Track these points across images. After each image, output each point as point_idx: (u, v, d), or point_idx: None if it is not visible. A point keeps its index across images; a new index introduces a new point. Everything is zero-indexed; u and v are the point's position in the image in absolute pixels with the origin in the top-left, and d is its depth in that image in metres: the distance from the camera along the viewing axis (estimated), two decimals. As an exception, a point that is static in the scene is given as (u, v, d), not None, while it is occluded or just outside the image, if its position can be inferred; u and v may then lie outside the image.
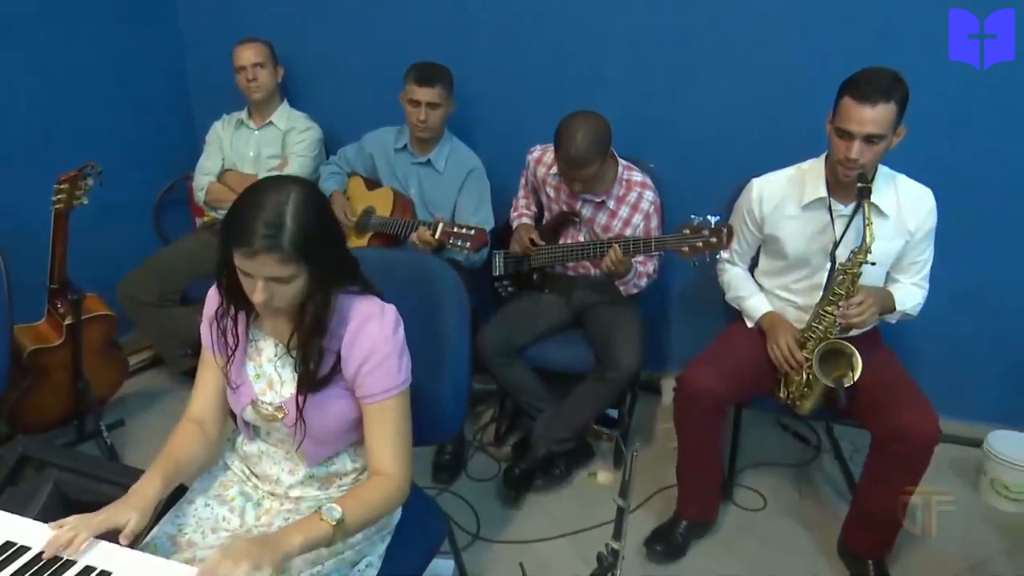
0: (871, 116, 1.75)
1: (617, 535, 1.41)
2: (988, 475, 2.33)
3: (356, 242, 2.57)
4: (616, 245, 2.16)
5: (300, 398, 1.30)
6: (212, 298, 1.37)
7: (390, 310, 1.32)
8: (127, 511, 1.19)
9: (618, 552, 1.40)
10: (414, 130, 2.48)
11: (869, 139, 1.77)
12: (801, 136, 2.16)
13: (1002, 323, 2.46)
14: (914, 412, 1.83)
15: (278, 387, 1.35)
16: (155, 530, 1.31)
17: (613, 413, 2.57)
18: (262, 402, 1.35)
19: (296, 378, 1.31)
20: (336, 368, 1.30)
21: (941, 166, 2.12)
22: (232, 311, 1.33)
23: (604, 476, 2.43)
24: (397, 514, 1.46)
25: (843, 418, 2.03)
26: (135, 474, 1.32)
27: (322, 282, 1.23)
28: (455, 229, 2.24)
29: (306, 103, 2.93)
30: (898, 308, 1.98)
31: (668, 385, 2.12)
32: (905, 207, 1.93)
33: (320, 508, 1.22)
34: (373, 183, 2.67)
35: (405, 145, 2.58)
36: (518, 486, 2.32)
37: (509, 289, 2.54)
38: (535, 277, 2.47)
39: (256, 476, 1.43)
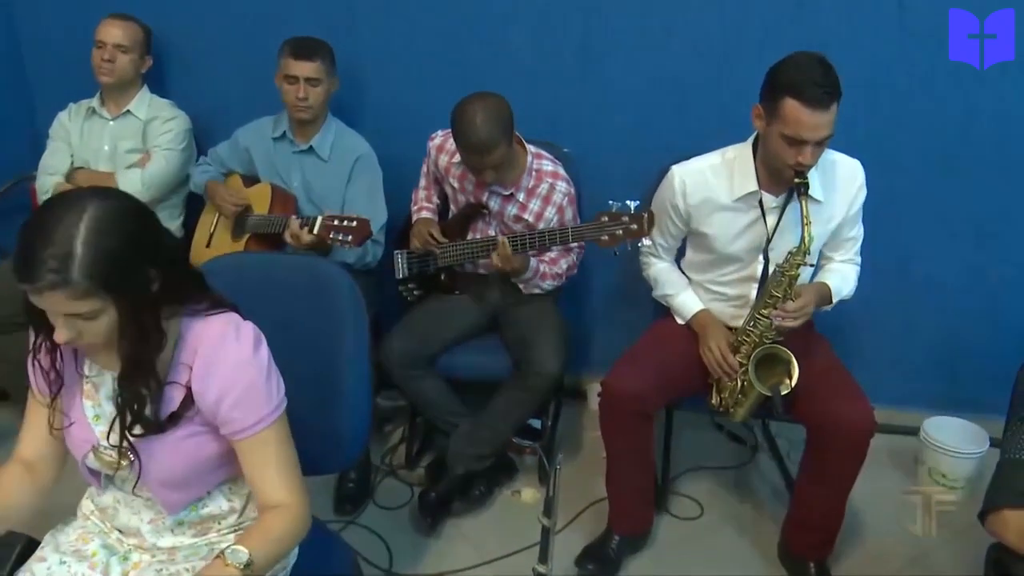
0: (825, 121, 1.80)
1: (543, 558, 1.42)
2: (926, 464, 2.48)
3: (233, 246, 2.51)
4: (504, 239, 2.18)
5: (127, 441, 1.22)
6: None
7: (247, 327, 1.26)
8: None
9: (545, 576, 1.41)
10: (293, 111, 2.44)
11: (821, 142, 1.84)
12: (722, 112, 2.24)
13: (930, 304, 2.63)
14: (848, 403, 1.93)
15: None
16: None
17: (536, 423, 2.59)
18: (104, 447, 1.28)
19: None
20: (188, 404, 1.22)
21: (862, 143, 2.24)
22: (48, 345, 1.24)
23: (529, 494, 2.44)
24: (293, 555, 1.42)
25: (782, 415, 2.11)
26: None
27: (140, 319, 1.13)
28: (335, 222, 2.21)
29: (169, 90, 2.83)
30: (835, 299, 2.07)
31: (595, 389, 2.15)
32: (837, 187, 2.02)
33: (224, 551, 1.18)
34: (251, 180, 2.60)
35: (284, 132, 2.53)
36: (434, 512, 2.31)
37: (415, 292, 2.52)
38: (443, 278, 2.46)
39: (118, 529, 1.37)
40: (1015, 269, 2.54)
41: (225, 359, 1.22)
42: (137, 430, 1.22)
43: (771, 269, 2.00)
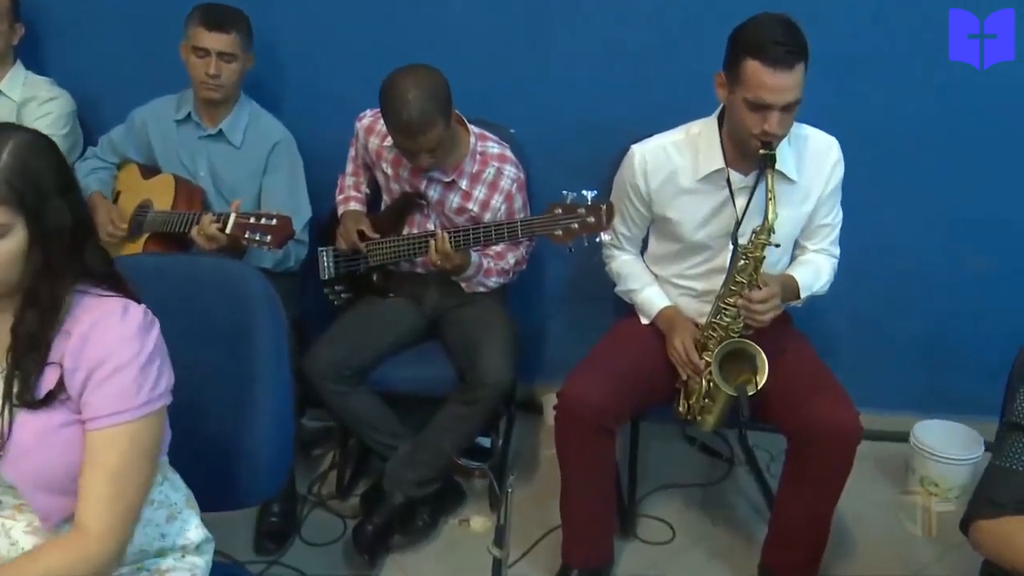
0: (789, 83, 1.84)
1: (495, 593, 1.42)
2: (917, 472, 2.56)
3: (130, 248, 2.47)
4: (444, 234, 2.19)
5: (5, 416, 1.20)
6: None
7: (137, 309, 1.25)
8: None
9: (496, 615, 1.42)
10: (201, 89, 2.41)
11: (787, 107, 1.87)
12: (687, 88, 2.27)
13: (916, 298, 2.71)
14: (831, 407, 1.97)
15: None
16: None
17: (485, 442, 2.60)
18: None
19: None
20: (61, 385, 1.21)
21: (841, 117, 2.29)
22: None
23: (479, 522, 2.45)
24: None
25: (755, 422, 2.15)
26: None
27: (47, 254, 1.17)
28: (251, 220, 2.18)
29: (48, 65, 2.76)
30: (803, 294, 2.11)
31: (551, 401, 2.16)
32: (811, 166, 2.07)
33: None
34: (151, 171, 2.56)
35: (189, 114, 2.49)
36: (371, 547, 2.29)
37: (343, 295, 2.51)
38: (375, 278, 2.45)
39: None
40: (1005, 260, 2.64)
41: (102, 335, 1.21)
42: (16, 393, 1.20)
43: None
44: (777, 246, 1.98)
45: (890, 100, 2.51)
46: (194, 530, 1.40)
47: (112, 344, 1.21)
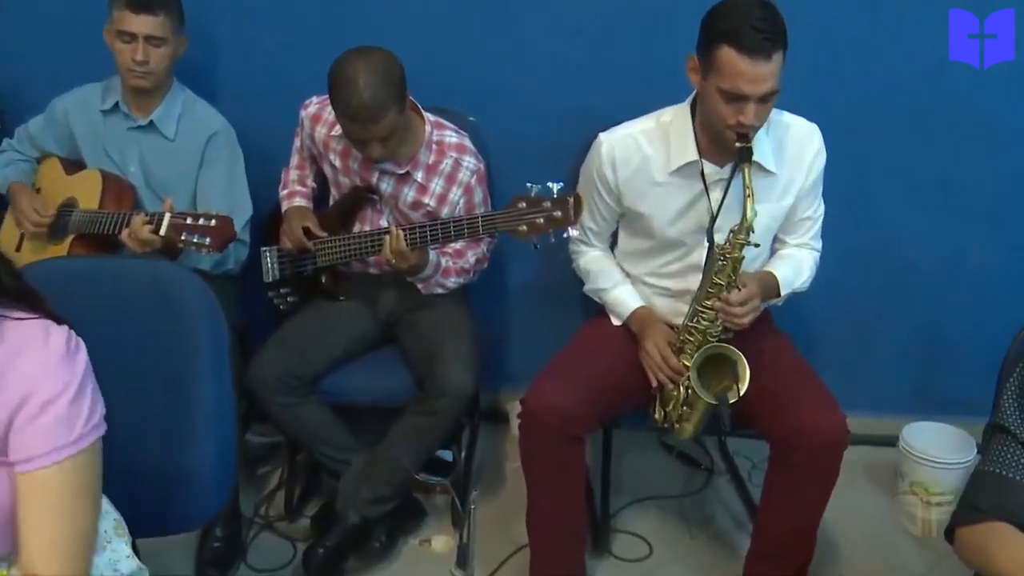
0: (767, 72, 1.84)
1: (458, 619, 1.42)
2: (907, 477, 2.60)
3: (52, 251, 2.44)
4: (398, 231, 2.19)
5: None
6: None
7: (59, 332, 1.22)
8: None
9: (460, 642, 1.42)
10: (128, 77, 2.39)
11: (764, 98, 1.88)
12: (658, 73, 2.28)
13: (906, 292, 2.76)
14: (816, 410, 1.98)
15: None
16: None
17: (446, 455, 2.60)
18: None
19: None
20: None
21: (826, 102, 2.32)
22: None
23: (441, 542, 2.45)
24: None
25: (735, 428, 2.17)
26: None
27: None
28: (188, 220, 2.16)
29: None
30: (784, 291, 2.13)
31: (516, 409, 2.16)
32: (791, 156, 2.09)
33: None
34: (75, 166, 2.53)
35: (116, 104, 2.47)
36: (323, 572, 2.29)
37: (289, 299, 2.50)
38: (324, 280, 2.45)
39: None
40: (1000, 251, 2.69)
41: (28, 367, 1.18)
42: None
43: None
44: (757, 246, 2.00)
45: (880, 89, 2.55)
46: (125, 561, 1.38)
47: (35, 376, 1.18)
